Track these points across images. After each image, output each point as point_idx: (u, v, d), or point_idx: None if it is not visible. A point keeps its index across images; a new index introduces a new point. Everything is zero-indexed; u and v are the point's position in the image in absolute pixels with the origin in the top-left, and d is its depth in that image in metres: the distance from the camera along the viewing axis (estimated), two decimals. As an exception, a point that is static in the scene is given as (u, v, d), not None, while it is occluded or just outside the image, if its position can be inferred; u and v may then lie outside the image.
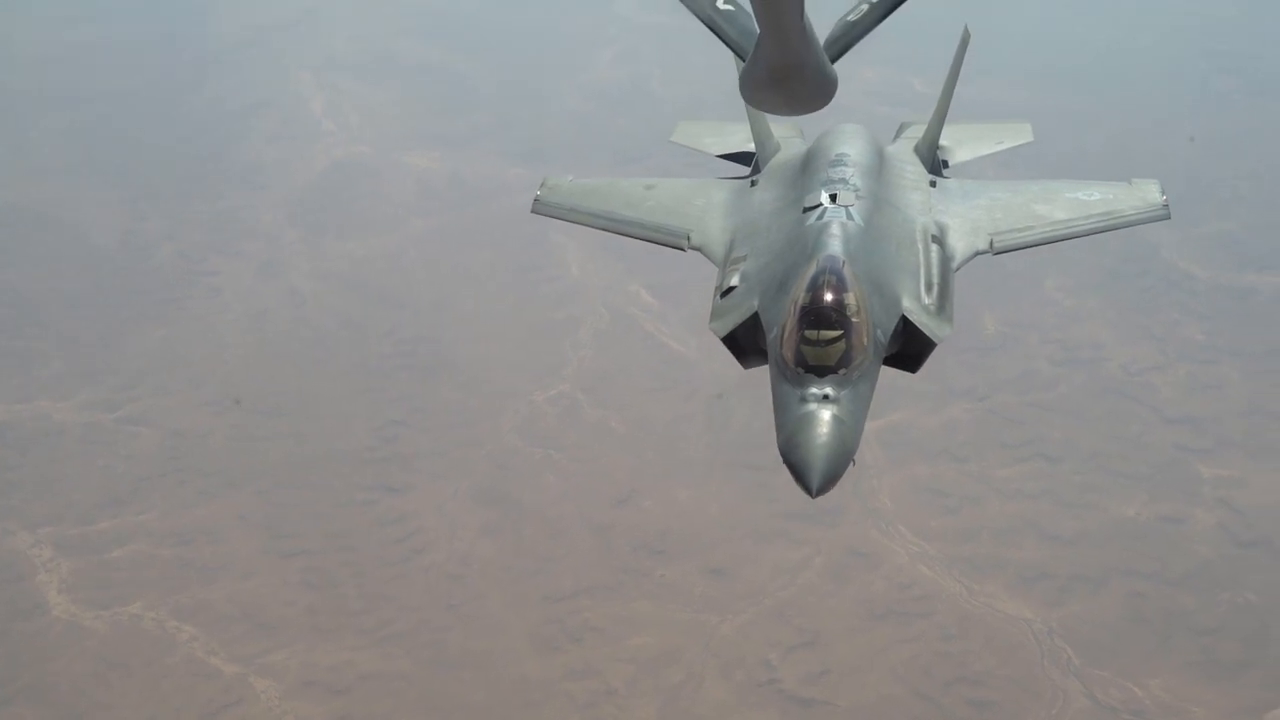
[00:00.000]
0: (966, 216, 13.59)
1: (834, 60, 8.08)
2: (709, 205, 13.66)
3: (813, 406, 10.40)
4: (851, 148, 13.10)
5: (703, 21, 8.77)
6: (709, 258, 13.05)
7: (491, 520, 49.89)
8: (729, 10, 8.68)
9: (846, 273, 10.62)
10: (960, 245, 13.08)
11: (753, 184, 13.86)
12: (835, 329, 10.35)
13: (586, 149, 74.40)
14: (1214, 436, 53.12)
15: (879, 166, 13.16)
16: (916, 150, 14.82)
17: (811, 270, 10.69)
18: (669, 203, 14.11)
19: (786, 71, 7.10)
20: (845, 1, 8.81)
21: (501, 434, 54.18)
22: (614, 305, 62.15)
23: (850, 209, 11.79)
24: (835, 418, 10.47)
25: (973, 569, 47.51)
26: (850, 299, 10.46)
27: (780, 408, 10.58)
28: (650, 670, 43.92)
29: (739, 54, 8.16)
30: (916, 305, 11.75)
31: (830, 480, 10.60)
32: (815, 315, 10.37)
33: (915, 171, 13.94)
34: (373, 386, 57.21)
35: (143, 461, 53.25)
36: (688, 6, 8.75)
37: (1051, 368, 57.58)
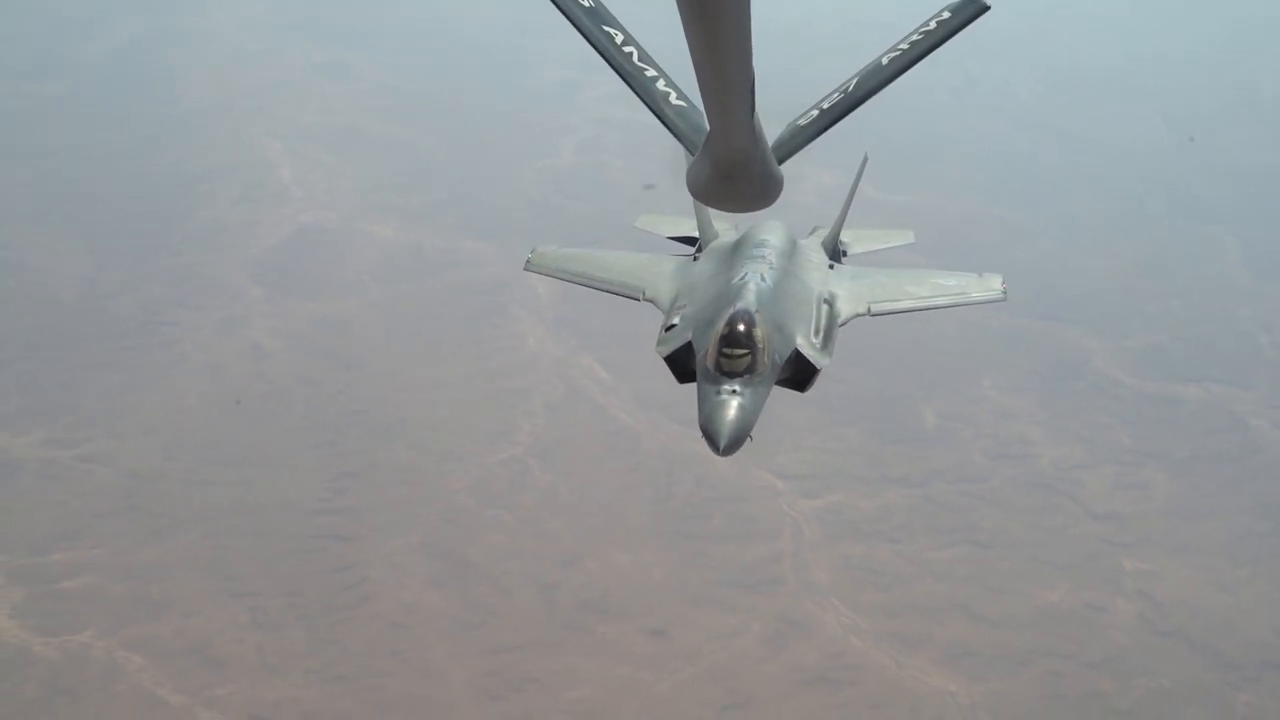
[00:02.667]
0: (853, 290, 17.54)
1: (782, 162, 8.41)
2: (661, 272, 17.24)
3: (724, 396, 13.89)
4: (772, 236, 16.78)
5: (656, 115, 9.32)
6: (659, 307, 16.37)
7: (438, 573, 51.03)
8: (681, 106, 9.19)
9: (755, 315, 14.26)
10: (845, 308, 16.99)
11: (695, 259, 17.61)
12: (744, 349, 13.95)
13: (543, 229, 76.46)
14: (1136, 533, 55.40)
15: (791, 251, 16.84)
16: (823, 244, 18.70)
17: (730, 312, 14.33)
18: (631, 268, 17.66)
19: (733, 169, 7.21)
20: (797, 106, 9.62)
21: (452, 493, 55.51)
22: (567, 377, 63.91)
23: (763, 275, 15.59)
24: (740, 404, 13.84)
25: (901, 643, 49.19)
26: (756, 332, 14.09)
27: (702, 399, 13.98)
28: (587, 723, 45.18)
29: (689, 149, 8.65)
30: (806, 343, 15.33)
31: (732, 445, 13.81)
32: (730, 339, 14.00)
33: (819, 258, 17.91)
34: (326, 441, 58.38)
35: (97, 499, 54.03)
36: (642, 100, 9.38)
37: (985, 461, 59.78)
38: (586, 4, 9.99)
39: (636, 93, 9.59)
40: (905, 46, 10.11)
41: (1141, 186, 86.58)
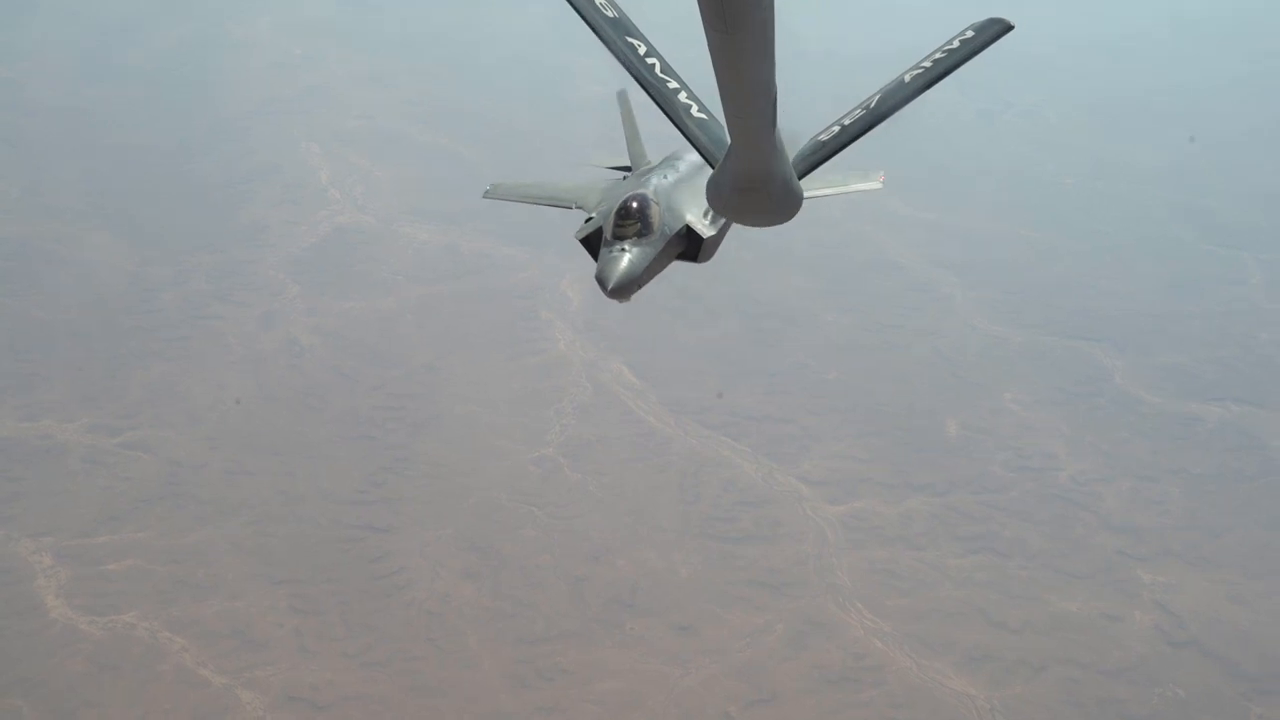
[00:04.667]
0: None
1: (802, 176, 8.57)
2: (593, 187, 19.18)
3: (615, 253, 16.15)
4: (689, 154, 18.58)
5: (678, 128, 9.69)
6: (585, 211, 18.44)
7: (472, 565, 52.44)
8: (702, 119, 9.48)
9: (646, 195, 16.54)
10: None
11: (624, 179, 19.65)
12: (633, 219, 16.14)
13: (573, 235, 77.96)
14: (1154, 545, 56.43)
15: (701, 165, 18.58)
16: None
17: (627, 193, 16.85)
18: (571, 187, 19.63)
19: (753, 182, 7.29)
20: (820, 120, 9.95)
21: (485, 488, 56.90)
22: (597, 380, 65.27)
23: (666, 175, 17.92)
24: (629, 259, 16.19)
25: (923, 646, 50.33)
26: (644, 206, 16.38)
27: (600, 257, 16.42)
28: (616, 713, 46.29)
29: (710, 161, 9.01)
30: (696, 219, 17.51)
31: (619, 289, 16.51)
32: (623, 212, 16.23)
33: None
34: (363, 435, 59.88)
35: (141, 485, 55.62)
36: (664, 112, 9.66)
37: (1005, 472, 60.86)
38: (611, 15, 10.13)
39: (658, 104, 9.89)
40: (928, 64, 10.13)
41: (1168, 211, 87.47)
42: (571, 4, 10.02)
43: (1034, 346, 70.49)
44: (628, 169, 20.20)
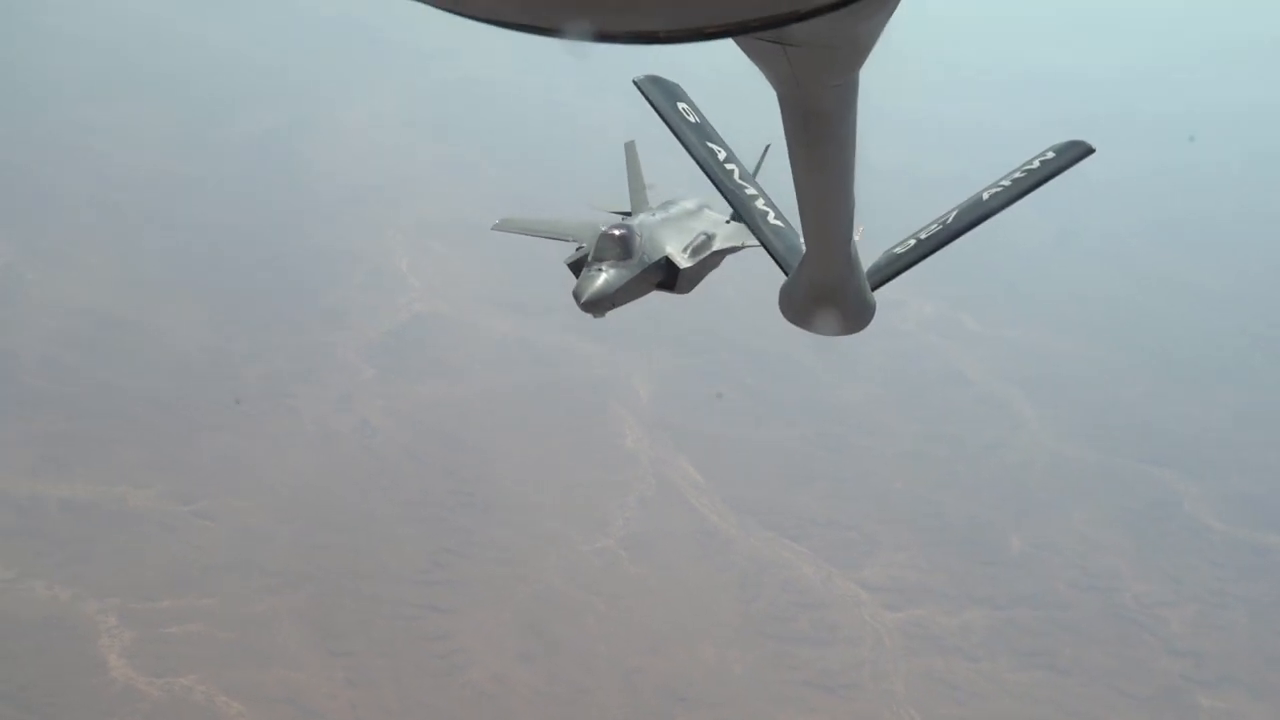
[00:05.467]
0: (737, 232, 22.25)
1: (876, 288, 8.39)
2: (594, 226, 21.25)
3: (593, 271, 19.13)
4: (685, 201, 22.75)
5: (753, 233, 9.56)
6: (584, 246, 20.81)
7: (529, 649, 52.74)
8: (778, 226, 9.29)
9: (626, 226, 19.94)
10: (723, 240, 21.75)
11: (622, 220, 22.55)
12: (614, 245, 19.29)
13: (649, 334, 79.09)
14: (1217, 671, 55.77)
15: (695, 211, 22.58)
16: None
17: (614, 223, 20.23)
18: (574, 225, 22.49)
19: (826, 292, 7.27)
20: (895, 234, 9.84)
21: (546, 574, 57.35)
22: (663, 476, 65.76)
23: (654, 213, 21.76)
24: (605, 278, 19.10)
25: (976, 758, 50.05)
26: (622, 234, 19.60)
27: (580, 275, 19.19)
28: (663, 805, 46.41)
29: (784, 269, 8.81)
30: (675, 251, 20.64)
31: (591, 304, 19.29)
32: (604, 237, 19.36)
33: (721, 217, 22.70)
34: (430, 517, 60.60)
35: (209, 552, 56.51)
36: (741, 217, 9.72)
37: (1069, 590, 60.53)
38: (693, 120, 10.29)
39: (736, 209, 9.94)
40: (1007, 183, 10.06)
41: (1243, 337, 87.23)
42: (656, 109, 10.31)
43: (1102, 467, 70.27)
44: (627, 213, 22.73)
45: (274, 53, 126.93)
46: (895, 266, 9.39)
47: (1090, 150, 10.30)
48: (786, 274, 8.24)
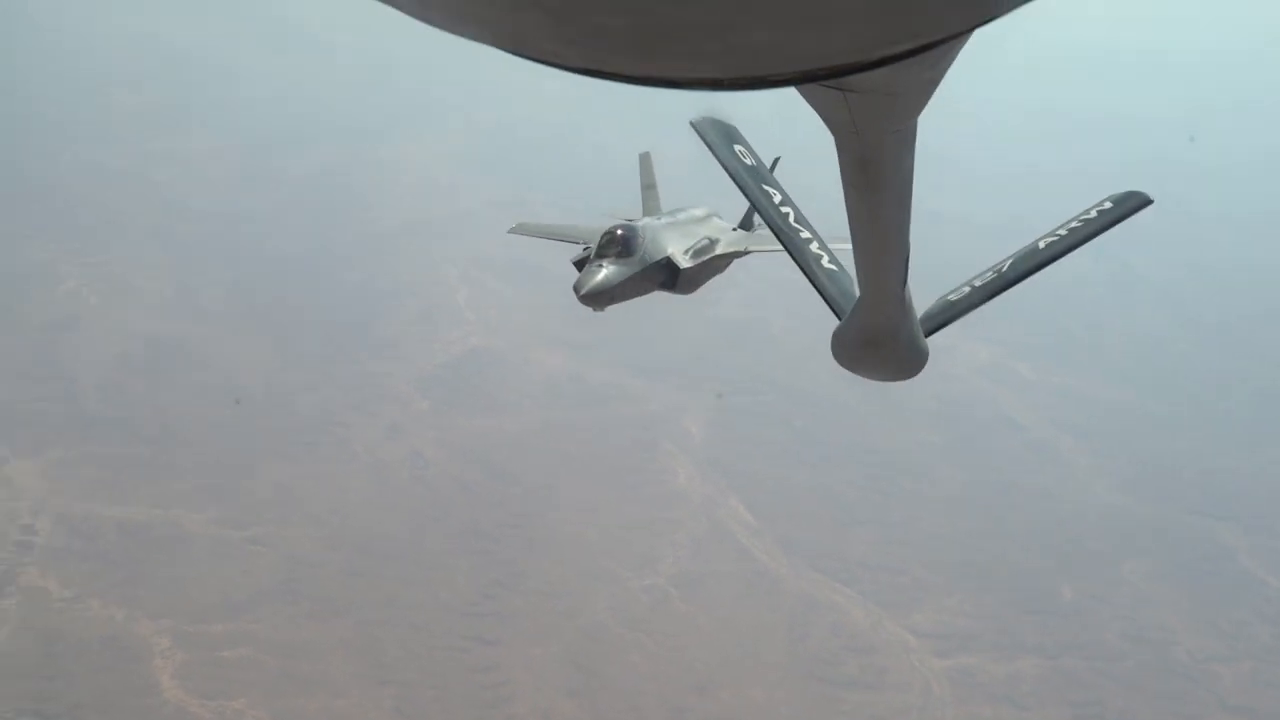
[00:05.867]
0: (741, 239, 24.54)
1: (929, 335, 8.26)
2: (604, 229, 22.68)
3: (594, 266, 21.08)
4: (693, 209, 24.73)
5: (807, 276, 9.27)
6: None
7: (575, 684, 52.73)
8: (832, 270, 9.12)
9: (630, 227, 21.75)
10: (726, 245, 23.67)
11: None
12: (616, 243, 21.16)
13: (699, 373, 79.47)
14: (1270, 728, 55.17)
15: (703, 218, 24.51)
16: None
17: (617, 224, 22.07)
18: (585, 230, 24.27)
19: (879, 337, 7.23)
20: (949, 281, 9.58)
21: (594, 610, 57.41)
22: (714, 516, 65.78)
23: (659, 218, 23.80)
24: (605, 273, 20.96)
25: (1024, 808, 49.57)
26: (624, 234, 21.40)
27: (584, 269, 21.18)
28: (707, 845, 46.22)
29: (837, 313, 8.59)
30: (677, 252, 22.35)
31: (590, 296, 21.23)
32: (606, 236, 21.30)
33: (726, 225, 25.02)
34: (480, 549, 60.82)
35: (261, 578, 56.96)
36: (795, 260, 9.36)
37: (1119, 641, 59.97)
38: (749, 162, 10.16)
39: (790, 252, 9.63)
40: (1063, 232, 9.89)
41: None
42: (712, 150, 10.26)
43: (1155, 518, 69.74)
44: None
45: (335, 90, 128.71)
46: (949, 313, 9.22)
47: (1148, 201, 10.05)
48: (839, 318, 8.16)
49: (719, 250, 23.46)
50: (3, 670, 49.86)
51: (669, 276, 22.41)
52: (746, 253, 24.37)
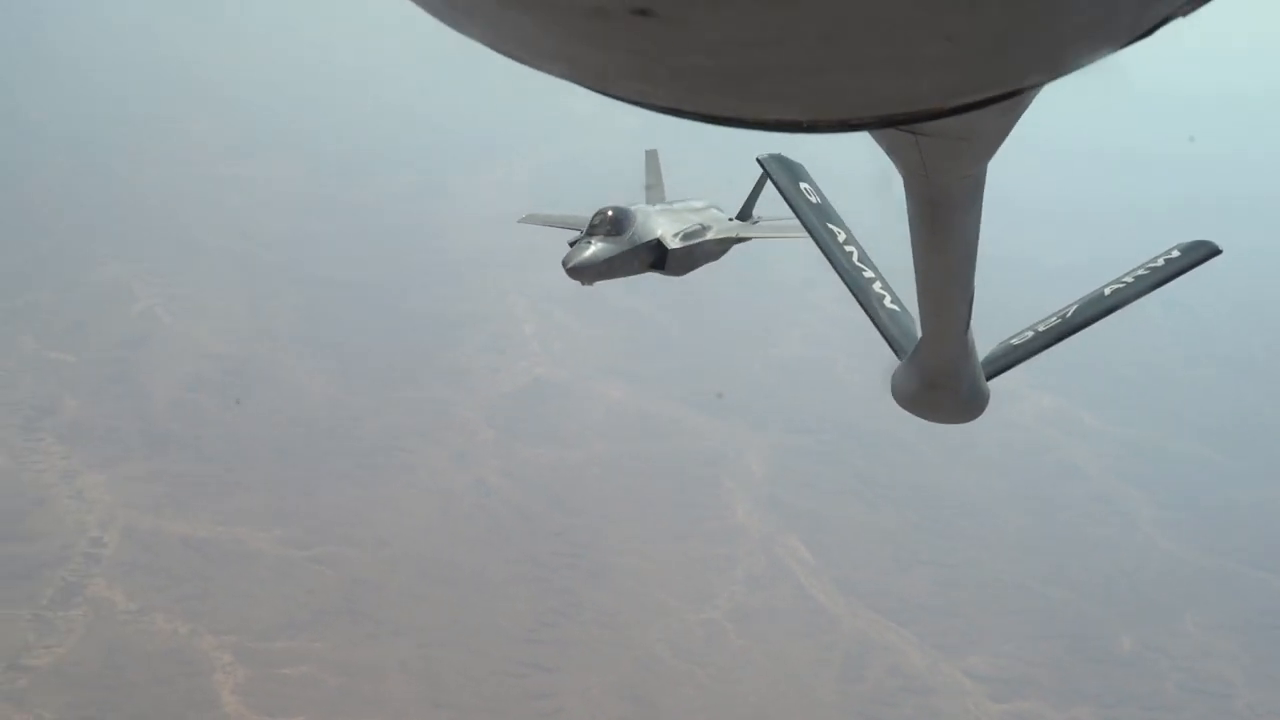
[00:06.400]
0: (733, 226, 26.00)
1: (990, 378, 8.27)
2: None
3: (583, 243, 22.61)
4: (693, 200, 26.23)
5: (868, 315, 9.33)
6: None
7: (629, 714, 53.01)
8: (894, 310, 9.15)
9: (620, 208, 22.98)
10: (717, 231, 25.14)
11: None
12: (606, 222, 22.71)
13: (765, 411, 79.68)
14: (1331, 786, 54.51)
15: (701, 209, 25.81)
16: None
17: (610, 205, 23.26)
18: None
19: (940, 379, 7.21)
20: (1012, 325, 9.66)
21: (650, 642, 57.69)
22: (771, 553, 65.92)
23: (657, 204, 25.10)
24: (593, 249, 22.39)
25: None
26: (614, 214, 22.80)
27: (575, 245, 22.66)
28: None
29: (898, 354, 8.62)
30: (667, 234, 23.66)
31: (577, 270, 22.42)
32: (597, 214, 22.85)
33: (724, 215, 26.35)
34: (539, 577, 61.33)
35: (323, 597, 57.74)
36: (857, 299, 9.37)
37: (1179, 693, 59.43)
38: (814, 200, 10.13)
39: (852, 291, 9.63)
40: (1129, 280, 9.83)
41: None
42: (778, 187, 10.42)
43: (1218, 571, 69.06)
44: None
45: (409, 120, 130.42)
46: (1011, 358, 9.28)
47: (1217, 251, 9.96)
48: (900, 358, 8.25)
49: (710, 236, 24.83)
50: (67, 678, 50.89)
51: (658, 257, 23.72)
52: (739, 239, 25.86)
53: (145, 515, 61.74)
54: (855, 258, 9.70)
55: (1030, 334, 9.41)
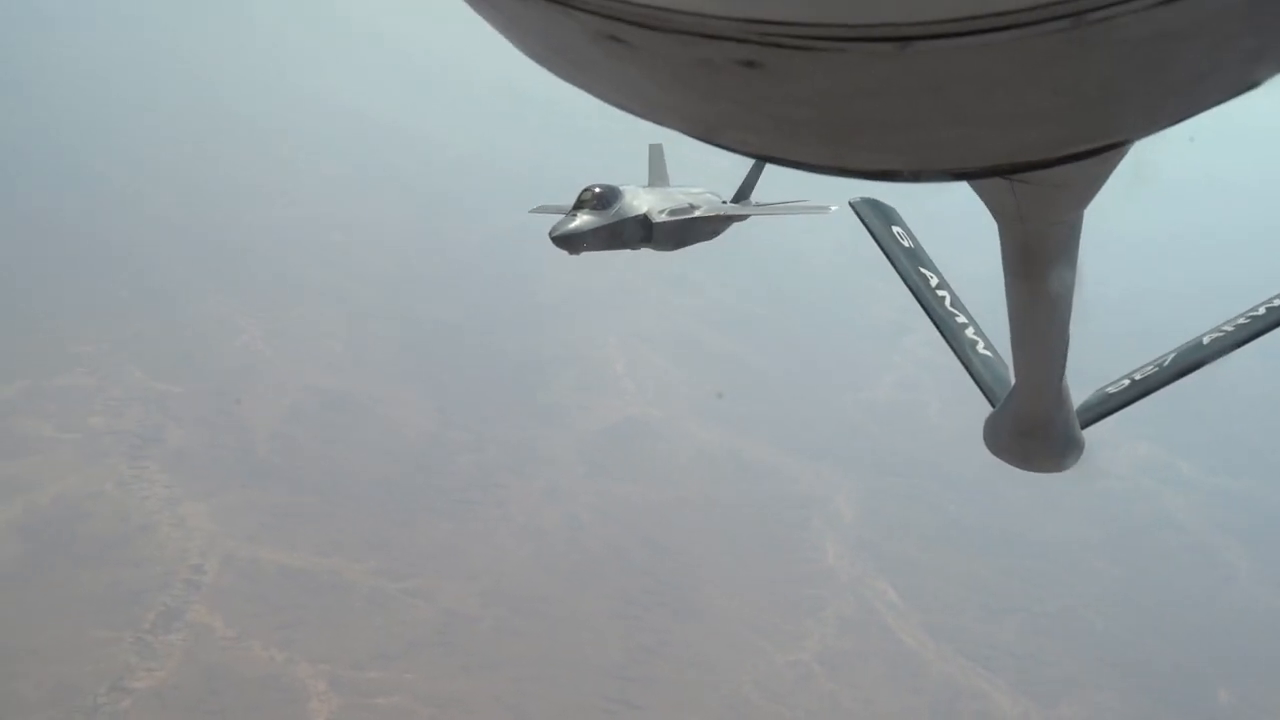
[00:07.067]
0: (720, 206, 27.65)
1: (1085, 426, 8.25)
2: None
3: (569, 215, 23.72)
4: (692, 187, 27.57)
5: (960, 361, 9.33)
6: None
7: (717, 754, 53.28)
8: (987, 356, 9.09)
9: (608, 186, 24.38)
10: (704, 208, 26.62)
11: None
12: (593, 197, 23.91)
13: (856, 454, 79.59)
14: None
15: (695, 193, 27.26)
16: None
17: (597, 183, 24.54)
18: None
19: (1033, 427, 7.09)
20: (1109, 373, 9.64)
21: (738, 683, 57.75)
22: (861, 596, 65.77)
23: (649, 185, 26.94)
24: (578, 221, 23.54)
25: None
26: (601, 190, 24.07)
27: (560, 219, 23.78)
28: None
29: (990, 400, 8.57)
30: (653, 210, 24.86)
31: (561, 239, 23.51)
32: (587, 189, 24.20)
33: (715, 199, 27.72)
34: (629, 614, 61.68)
35: (416, 629, 58.50)
36: (949, 344, 9.42)
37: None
38: (906, 245, 10.19)
39: (944, 336, 9.64)
40: (1229, 329, 9.51)
41: None
42: (870, 231, 10.40)
43: (1318, 626, 67.87)
44: None
45: (510, 158, 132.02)
46: (1107, 406, 9.17)
47: None
48: (993, 405, 8.12)
49: (698, 214, 26.33)
50: (167, 701, 51.97)
51: (645, 232, 25.03)
52: (728, 218, 27.62)
53: (244, 544, 62.97)
54: (948, 302, 9.74)
55: (1126, 382, 9.32)
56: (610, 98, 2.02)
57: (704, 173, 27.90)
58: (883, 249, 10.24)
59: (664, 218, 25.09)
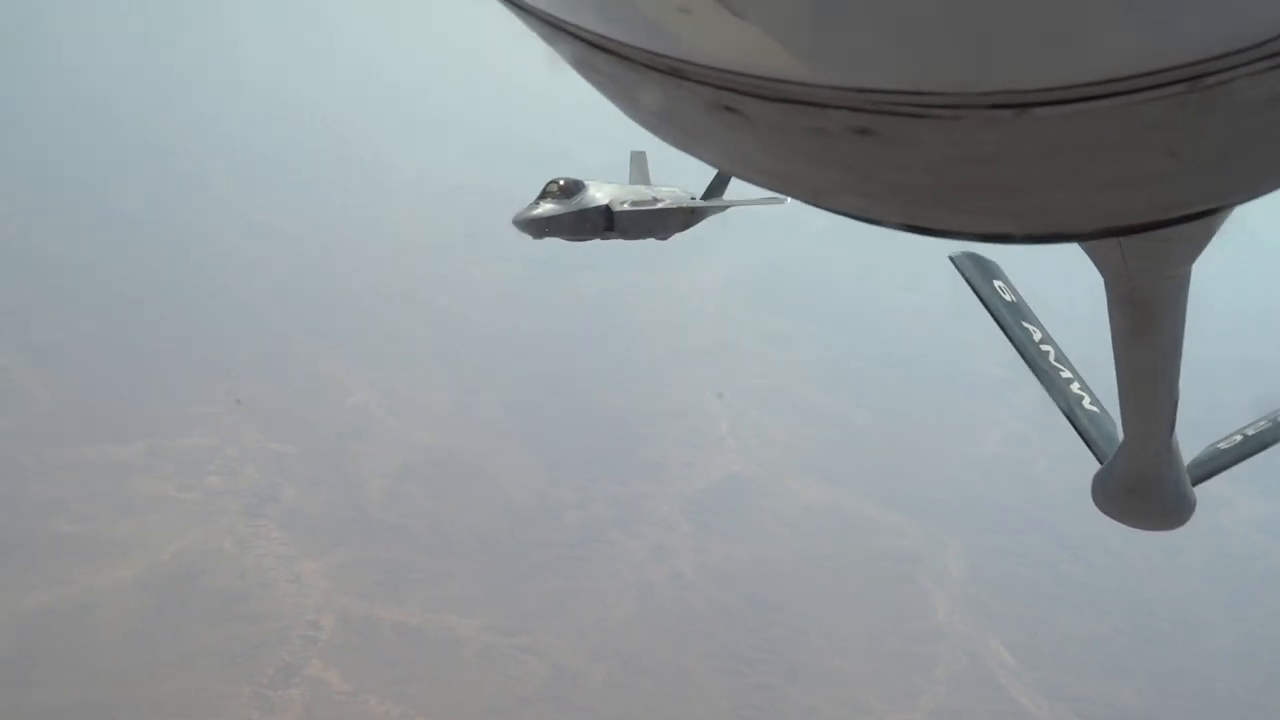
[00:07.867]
0: (684, 200, 29.20)
1: (1196, 484, 8.04)
2: None
3: (533, 204, 25.53)
4: (671, 188, 29.22)
5: (1066, 417, 9.30)
6: None
7: (830, 813, 52.95)
8: (1093, 412, 9.02)
9: (580, 180, 26.10)
10: (668, 200, 28.38)
11: None
12: (556, 189, 25.62)
13: (962, 511, 79.00)
14: None
15: (667, 191, 28.98)
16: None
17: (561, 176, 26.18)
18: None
19: (1143, 484, 7.03)
20: (1220, 429, 9.60)
21: (850, 743, 57.58)
22: (973, 654, 65.12)
23: (614, 184, 27.61)
24: (540, 209, 25.29)
25: None
26: (572, 185, 25.78)
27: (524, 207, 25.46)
28: None
29: (1098, 456, 8.55)
30: (614, 202, 26.54)
31: (522, 224, 25.44)
32: (552, 181, 25.77)
33: (683, 195, 29.38)
34: (736, 671, 61.60)
35: (526, 684, 58.91)
36: (1054, 400, 9.32)
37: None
38: (1009, 299, 10.07)
39: (1049, 392, 9.56)
40: None
41: None
42: (971, 286, 10.29)
43: None
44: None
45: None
46: (1218, 463, 9.00)
47: None
48: (1101, 462, 8.11)
49: (660, 206, 28.03)
50: (286, 756, 52.97)
51: (608, 221, 26.67)
52: (693, 211, 29.25)
53: (359, 600, 63.87)
54: (1052, 357, 9.64)
55: (1239, 438, 9.19)
56: (722, 164, 2.10)
57: (680, 177, 29.81)
58: (985, 304, 10.13)
59: (623, 207, 26.80)
